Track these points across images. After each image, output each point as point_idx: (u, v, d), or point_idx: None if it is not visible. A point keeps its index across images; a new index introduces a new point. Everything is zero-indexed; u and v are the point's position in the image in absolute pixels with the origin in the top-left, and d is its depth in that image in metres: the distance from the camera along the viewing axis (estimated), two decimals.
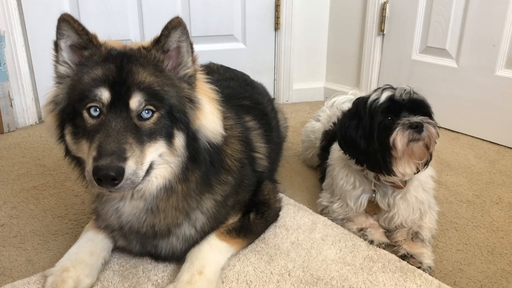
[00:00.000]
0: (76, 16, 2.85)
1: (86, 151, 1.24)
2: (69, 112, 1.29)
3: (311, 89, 3.62)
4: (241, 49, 3.35)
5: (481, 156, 2.58)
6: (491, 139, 2.77)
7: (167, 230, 1.45)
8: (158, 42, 1.29)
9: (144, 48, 1.30)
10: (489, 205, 2.05)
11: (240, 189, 1.60)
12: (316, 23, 3.48)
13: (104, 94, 1.23)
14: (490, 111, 2.74)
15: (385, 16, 3.12)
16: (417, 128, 1.54)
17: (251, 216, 1.62)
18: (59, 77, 1.34)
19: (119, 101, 1.23)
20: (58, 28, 1.30)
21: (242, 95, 2.02)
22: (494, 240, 1.78)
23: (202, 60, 2.59)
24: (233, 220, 1.60)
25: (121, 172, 1.16)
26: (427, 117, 1.59)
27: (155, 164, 1.29)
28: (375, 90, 1.67)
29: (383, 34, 3.19)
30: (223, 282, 1.45)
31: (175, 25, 1.26)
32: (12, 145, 2.63)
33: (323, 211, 1.89)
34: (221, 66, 2.49)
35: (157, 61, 1.30)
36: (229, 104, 1.77)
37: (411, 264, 1.56)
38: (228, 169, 1.51)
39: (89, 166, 1.18)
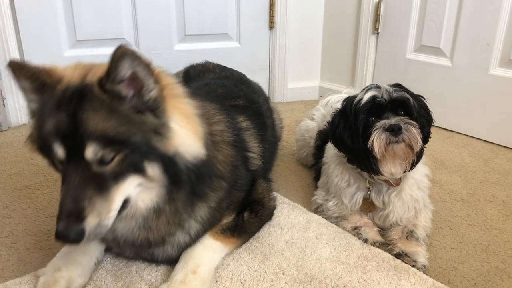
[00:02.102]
0: (69, 15, 2.85)
1: None
2: (44, 152, 1.25)
3: (306, 88, 3.61)
4: (236, 48, 3.34)
5: (475, 154, 2.58)
6: (485, 137, 2.78)
7: (162, 240, 1.44)
8: (109, 76, 1.17)
9: (99, 83, 1.18)
10: (483, 203, 2.05)
11: (234, 189, 1.58)
12: (310, 22, 3.47)
13: (59, 151, 1.17)
14: (484, 110, 2.74)
15: (379, 15, 3.12)
16: (394, 131, 1.53)
17: (245, 215, 1.61)
18: (31, 113, 1.29)
19: (75, 153, 1.17)
20: (11, 74, 1.23)
21: (237, 94, 2.00)
22: (488, 238, 1.79)
23: (196, 59, 2.61)
24: (227, 220, 1.59)
25: (80, 234, 1.14)
26: (407, 117, 1.58)
27: (133, 196, 1.25)
28: (364, 89, 1.67)
29: (378, 33, 3.19)
30: (217, 281, 1.45)
31: (119, 56, 1.13)
32: (5, 144, 2.61)
33: (318, 209, 1.89)
34: (217, 65, 2.48)
35: (111, 100, 1.19)
36: (222, 104, 1.76)
37: (405, 262, 1.56)
38: (221, 175, 1.48)
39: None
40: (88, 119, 1.15)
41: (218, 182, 1.48)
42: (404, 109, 1.60)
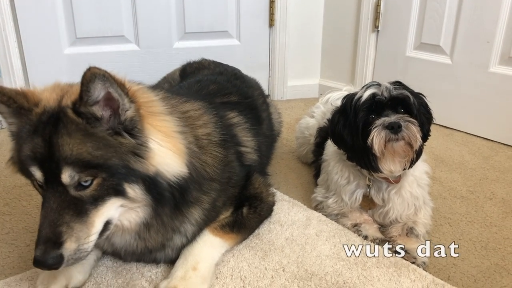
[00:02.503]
0: (69, 12, 2.85)
1: None
2: (25, 174, 1.26)
3: (305, 86, 3.61)
4: (236, 45, 3.34)
5: (475, 152, 2.59)
6: (485, 135, 2.78)
7: (161, 245, 1.44)
8: (82, 99, 1.16)
9: (73, 106, 1.17)
10: (483, 200, 2.05)
11: (229, 186, 1.58)
12: (310, 20, 3.47)
13: (37, 174, 1.17)
14: (484, 108, 2.74)
15: (379, 13, 3.12)
16: (393, 128, 1.53)
17: (244, 211, 1.61)
18: (12, 135, 1.28)
19: (52, 177, 1.16)
20: None
21: (229, 90, 2.00)
22: (487, 235, 1.79)
23: (196, 57, 2.61)
24: (224, 215, 1.59)
25: (58, 260, 1.14)
26: (407, 115, 1.57)
27: (114, 218, 1.25)
28: (363, 86, 1.67)
29: (378, 31, 3.19)
30: (217, 277, 1.45)
31: (90, 78, 1.11)
32: (5, 142, 2.60)
33: (318, 207, 1.89)
34: (213, 61, 2.49)
35: (85, 123, 1.18)
36: (212, 101, 1.76)
37: (405, 259, 1.56)
38: (211, 177, 1.46)
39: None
40: (63, 143, 1.15)
41: (209, 185, 1.47)
42: (404, 107, 1.60)
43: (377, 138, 1.54)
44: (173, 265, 1.44)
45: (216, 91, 1.95)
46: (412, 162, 1.62)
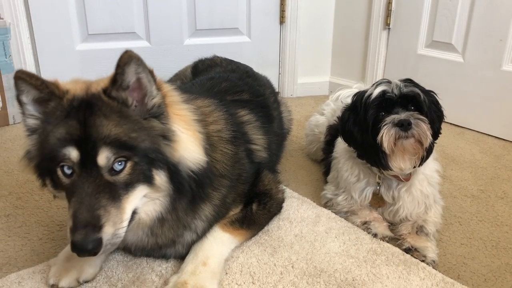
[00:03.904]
0: (81, 9, 2.87)
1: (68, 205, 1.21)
2: (45, 168, 1.25)
3: (316, 83, 3.60)
4: (246, 42, 3.34)
5: (486, 151, 2.56)
6: (497, 134, 2.75)
7: (172, 242, 1.46)
8: (115, 82, 1.20)
9: (105, 92, 1.21)
10: (494, 199, 2.04)
11: (238, 183, 1.59)
12: (321, 17, 3.46)
13: (73, 153, 1.17)
14: (496, 106, 2.72)
15: (391, 10, 3.10)
16: (403, 126, 1.52)
17: (253, 207, 1.62)
18: (29, 130, 1.28)
19: (88, 159, 1.17)
20: (16, 85, 1.22)
21: (241, 88, 2.00)
22: (498, 235, 1.78)
23: (206, 53, 2.62)
24: (234, 211, 1.60)
25: (98, 243, 1.13)
26: (417, 113, 1.57)
27: (139, 207, 1.26)
28: (374, 83, 1.67)
29: (389, 28, 3.17)
30: (226, 273, 1.46)
31: (126, 61, 1.17)
32: (18, 137, 2.64)
33: (327, 204, 1.89)
34: (225, 59, 2.49)
35: (120, 106, 1.22)
36: (224, 99, 1.77)
37: (415, 257, 1.56)
38: (221, 174, 1.48)
39: (68, 235, 1.16)
40: (101, 124, 1.17)
41: (219, 181, 1.48)
42: (415, 104, 1.59)
43: (386, 135, 1.54)
44: (183, 260, 1.45)
45: (228, 89, 1.96)
46: (423, 160, 1.61)
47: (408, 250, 1.61)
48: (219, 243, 1.49)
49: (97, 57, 2.96)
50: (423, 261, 1.55)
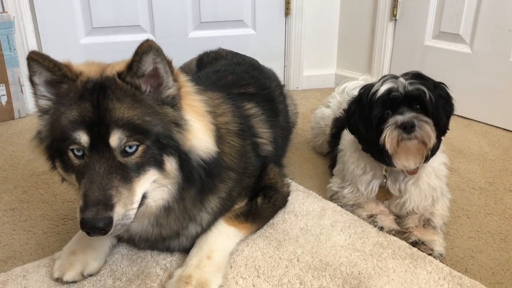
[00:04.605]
0: (85, 2, 2.86)
1: (77, 188, 1.21)
2: (55, 149, 1.25)
3: (321, 76, 3.57)
4: (251, 35, 3.32)
5: (494, 143, 2.53)
6: (505, 126, 2.72)
7: (176, 234, 1.46)
8: (131, 69, 1.21)
9: (119, 76, 1.22)
10: (502, 192, 2.01)
11: (244, 177, 1.59)
12: (327, 9, 3.42)
13: (83, 137, 1.17)
14: (504, 98, 2.68)
15: (397, 1, 3.06)
16: (406, 128, 1.51)
17: (258, 201, 1.61)
18: (41, 111, 1.28)
19: (100, 141, 1.17)
20: (29, 66, 1.23)
21: (247, 81, 1.99)
22: (507, 228, 1.75)
23: (211, 46, 2.60)
24: (239, 205, 1.59)
25: (108, 222, 1.13)
26: (422, 114, 1.54)
27: (149, 192, 1.26)
28: (381, 79, 1.64)
29: (396, 19, 3.13)
30: (231, 266, 1.45)
31: (145, 50, 1.18)
32: (23, 131, 2.64)
33: (333, 197, 1.87)
34: (230, 51, 2.47)
35: (134, 90, 1.22)
36: (230, 92, 1.76)
37: (422, 251, 1.54)
38: (228, 166, 1.48)
39: (77, 214, 1.16)
40: (114, 107, 1.18)
41: (226, 173, 1.48)
42: (420, 102, 1.56)
43: (389, 137, 1.53)
44: (188, 254, 1.44)
45: (233, 82, 1.95)
46: (427, 158, 1.59)
47: (415, 244, 1.59)
48: (224, 236, 1.49)
49: (101, 50, 2.95)
50: (430, 254, 1.53)
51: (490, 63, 2.70)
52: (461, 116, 2.86)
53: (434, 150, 1.58)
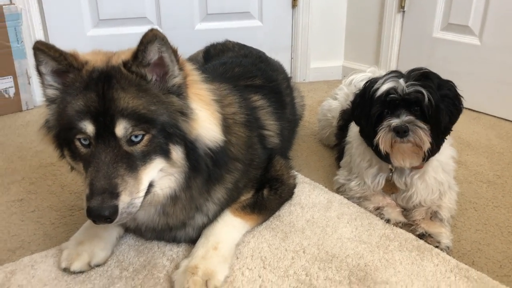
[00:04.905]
0: None
1: (85, 177, 1.22)
2: (63, 138, 1.26)
3: (329, 68, 3.56)
4: (258, 26, 3.30)
5: (503, 136, 2.51)
6: None
7: (182, 223, 1.46)
8: (136, 58, 1.21)
9: (125, 65, 1.22)
10: (511, 185, 2.00)
11: (251, 168, 1.58)
12: (334, 0, 3.40)
13: (89, 127, 1.18)
14: None
15: None
16: (399, 133, 1.51)
17: (264, 192, 1.61)
18: (48, 100, 1.29)
19: (105, 131, 1.18)
20: (35, 55, 1.24)
21: (254, 73, 1.98)
22: None
23: (217, 38, 2.59)
24: (245, 197, 1.59)
25: (114, 210, 1.14)
26: (418, 117, 1.53)
27: (156, 181, 1.26)
28: (385, 75, 1.62)
29: (404, 11, 3.10)
30: (237, 258, 1.45)
31: (150, 39, 1.17)
32: (31, 123, 2.65)
33: (340, 189, 1.87)
34: (237, 43, 2.46)
35: (139, 79, 1.23)
36: (236, 84, 1.76)
37: (428, 243, 1.54)
38: (235, 157, 1.48)
39: (84, 203, 1.16)
40: (119, 97, 1.18)
41: (233, 164, 1.48)
42: (420, 105, 1.54)
43: (383, 139, 1.55)
44: (194, 245, 1.45)
45: (240, 74, 1.95)
46: (425, 159, 1.59)
47: (421, 236, 1.58)
48: (230, 227, 1.49)
49: (108, 42, 2.93)
50: (437, 247, 1.53)
51: (499, 55, 2.67)
52: (469, 109, 2.84)
53: (433, 152, 1.58)
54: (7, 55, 2.71)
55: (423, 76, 1.58)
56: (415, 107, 1.55)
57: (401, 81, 1.56)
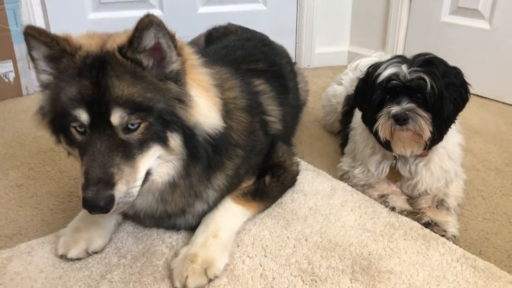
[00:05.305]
0: None
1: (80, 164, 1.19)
2: (58, 124, 1.23)
3: (334, 53, 3.49)
4: (262, 10, 3.23)
5: (511, 123, 2.46)
6: None
7: (182, 211, 1.43)
8: (131, 44, 1.16)
9: (120, 51, 1.18)
10: None
11: (252, 155, 1.55)
12: None
13: (83, 116, 1.14)
14: None
15: None
16: (398, 121, 1.48)
17: (266, 179, 1.57)
18: (42, 85, 1.26)
19: (100, 119, 1.14)
20: (26, 41, 1.20)
21: (256, 57, 1.94)
22: None
23: (220, 22, 2.53)
24: (247, 183, 1.56)
25: (110, 200, 1.11)
26: (420, 105, 1.49)
27: (153, 168, 1.23)
28: (389, 60, 1.57)
29: None
30: (238, 246, 1.42)
31: (145, 26, 1.13)
32: (31, 108, 2.58)
33: (344, 176, 1.83)
34: (240, 26, 2.41)
35: (134, 66, 1.18)
36: (238, 68, 1.71)
37: (434, 232, 1.50)
38: (236, 143, 1.45)
39: (79, 193, 1.14)
40: (114, 85, 1.14)
41: (234, 150, 1.45)
42: (422, 92, 1.49)
43: (382, 126, 1.52)
44: (194, 232, 1.42)
45: (242, 58, 1.90)
46: (426, 147, 1.55)
47: (427, 225, 1.55)
48: (230, 215, 1.46)
49: (109, 26, 2.81)
50: (443, 235, 1.49)
51: (510, 40, 2.60)
52: (477, 95, 2.77)
53: (434, 141, 1.53)
54: (6, 39, 2.67)
55: (427, 62, 1.53)
56: (417, 94, 1.50)
57: (404, 67, 1.51)
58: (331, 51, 3.48)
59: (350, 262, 1.36)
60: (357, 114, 1.83)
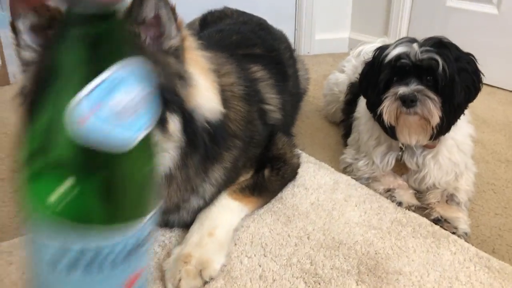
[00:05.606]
0: None
1: None
2: None
3: (335, 40, 3.40)
4: None
5: None
6: None
7: (176, 207, 1.34)
8: (130, 15, 1.07)
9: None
10: None
11: (250, 146, 1.46)
12: None
13: None
14: None
15: None
16: (406, 102, 1.38)
17: (265, 173, 1.49)
18: (24, 64, 1.13)
19: None
20: (11, 8, 1.07)
21: (253, 41, 1.84)
22: None
23: (216, 6, 2.43)
24: (245, 177, 1.47)
25: None
26: (429, 87, 1.39)
27: None
28: (397, 40, 1.49)
29: None
30: (235, 244, 1.34)
31: None
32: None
33: (347, 169, 1.74)
34: (236, 10, 2.32)
35: (132, 38, 1.09)
36: (234, 53, 1.62)
37: (445, 229, 1.41)
38: (233, 133, 1.36)
39: None
40: None
41: (231, 141, 1.37)
42: (432, 74, 1.41)
43: (387, 108, 1.42)
44: (188, 229, 1.33)
45: (238, 42, 1.81)
46: (433, 137, 1.46)
47: (437, 221, 1.46)
48: (227, 211, 1.37)
49: None
50: (454, 233, 1.40)
51: None
52: (484, 83, 2.67)
53: (442, 130, 1.44)
54: None
55: (440, 44, 1.44)
56: (427, 77, 1.41)
57: (415, 45, 1.42)
58: (332, 37, 3.39)
59: (356, 262, 1.28)
60: (361, 103, 1.74)
